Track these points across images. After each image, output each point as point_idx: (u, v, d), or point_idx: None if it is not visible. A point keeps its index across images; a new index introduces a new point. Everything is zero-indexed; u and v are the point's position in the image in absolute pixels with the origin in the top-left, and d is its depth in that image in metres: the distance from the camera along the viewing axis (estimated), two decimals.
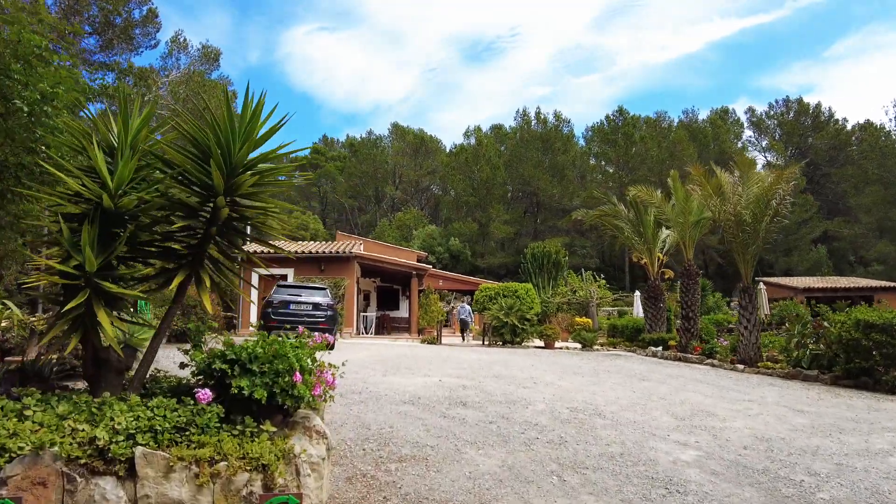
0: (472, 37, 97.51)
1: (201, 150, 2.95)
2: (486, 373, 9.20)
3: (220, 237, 3.29)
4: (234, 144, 2.96)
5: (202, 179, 3.00)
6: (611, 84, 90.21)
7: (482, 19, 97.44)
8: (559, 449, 4.46)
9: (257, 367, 2.74)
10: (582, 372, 10.22)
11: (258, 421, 2.81)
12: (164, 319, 3.24)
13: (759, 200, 12.09)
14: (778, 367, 11.12)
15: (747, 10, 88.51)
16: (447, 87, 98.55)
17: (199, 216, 3.19)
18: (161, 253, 3.26)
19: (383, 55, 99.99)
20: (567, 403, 6.51)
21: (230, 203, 3.07)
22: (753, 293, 12.45)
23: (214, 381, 2.81)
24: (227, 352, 2.81)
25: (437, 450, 4.25)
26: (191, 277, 3.15)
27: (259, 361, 2.75)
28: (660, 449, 4.60)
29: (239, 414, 2.76)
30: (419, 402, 6.13)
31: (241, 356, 2.77)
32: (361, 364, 9.82)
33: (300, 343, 3.10)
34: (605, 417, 5.83)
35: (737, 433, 5.32)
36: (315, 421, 2.99)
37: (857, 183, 45.47)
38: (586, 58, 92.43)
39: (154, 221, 3.13)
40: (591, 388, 8.05)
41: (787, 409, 6.83)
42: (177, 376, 3.71)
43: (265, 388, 2.70)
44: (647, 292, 17.73)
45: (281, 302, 12.18)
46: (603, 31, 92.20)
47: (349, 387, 6.98)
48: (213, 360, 2.79)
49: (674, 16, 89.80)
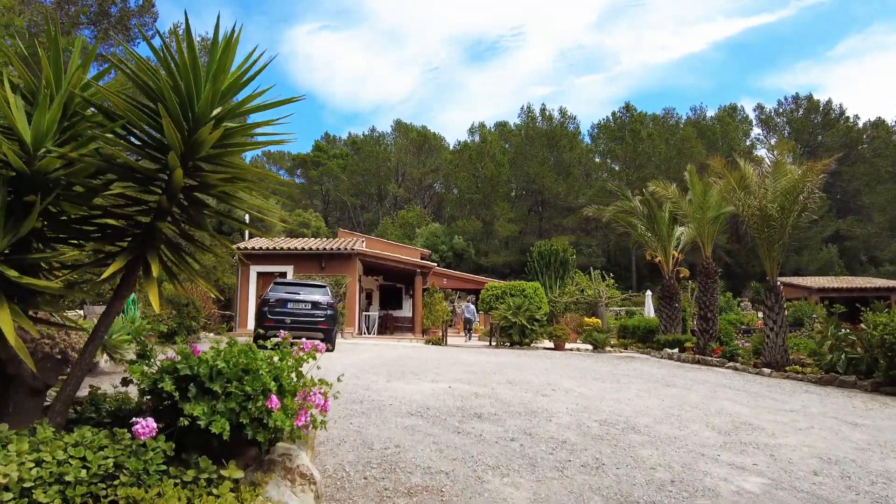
0: (474, 36, 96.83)
1: (155, 98, 2.26)
2: (498, 378, 8.50)
3: (182, 212, 2.59)
4: (198, 89, 2.25)
5: (154, 136, 2.31)
6: (613, 84, 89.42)
7: (484, 19, 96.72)
8: (597, 475, 3.76)
9: (220, 387, 2.05)
10: (600, 376, 9.51)
11: (220, 461, 2.08)
12: (101, 321, 2.49)
13: (787, 194, 11.35)
14: (808, 371, 10.38)
15: (752, 9, 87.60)
16: (449, 86, 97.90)
17: (153, 185, 2.48)
18: (102, 232, 2.54)
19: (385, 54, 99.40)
20: (594, 415, 5.80)
21: (192, 168, 2.38)
22: (780, 292, 11.71)
23: (166, 405, 2.11)
24: (181, 365, 2.11)
25: (454, 477, 3.55)
26: (137, 264, 2.43)
27: (222, 379, 2.06)
28: (715, 474, 3.89)
29: (195, 452, 2.05)
30: (428, 413, 5.43)
31: (199, 371, 2.07)
32: (363, 367, 9.13)
33: (282, 352, 2.37)
34: (640, 432, 5.12)
35: (796, 453, 4.60)
36: (299, 459, 2.27)
37: (870, 181, 44.58)
38: (588, 57, 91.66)
39: (90, 191, 2.42)
40: (614, 395, 7.34)
41: (839, 422, 6.10)
42: (131, 396, 2.96)
43: (228, 418, 1.99)
44: (662, 292, 16.98)
45: (278, 300, 11.47)
46: (605, 30, 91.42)
47: (349, 394, 6.29)
48: (161, 377, 2.09)
49: (676, 15, 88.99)
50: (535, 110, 54.93)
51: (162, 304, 11.40)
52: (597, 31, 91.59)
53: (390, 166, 61.38)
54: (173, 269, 2.64)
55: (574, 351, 16.24)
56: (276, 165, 64.74)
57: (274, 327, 11.35)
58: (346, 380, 7.48)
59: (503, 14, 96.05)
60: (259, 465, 2.21)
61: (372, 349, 13.51)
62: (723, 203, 14.19)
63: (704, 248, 14.92)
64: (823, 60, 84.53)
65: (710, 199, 14.48)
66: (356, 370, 8.71)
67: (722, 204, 14.44)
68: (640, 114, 52.94)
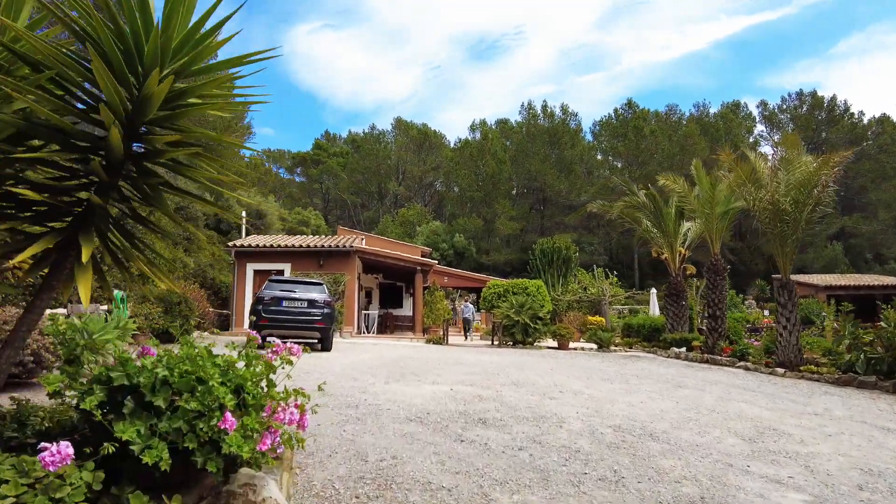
0: (476, 35, 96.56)
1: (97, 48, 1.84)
2: (502, 379, 8.09)
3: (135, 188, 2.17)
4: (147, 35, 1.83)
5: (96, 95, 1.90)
6: (615, 83, 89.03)
7: (486, 18, 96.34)
8: (619, 491, 3.35)
9: (164, 402, 1.63)
10: (608, 377, 9.11)
11: (160, 497, 1.63)
12: (21, 320, 2.03)
13: (801, 187, 10.92)
14: (825, 371, 9.97)
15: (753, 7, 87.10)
16: (451, 85, 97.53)
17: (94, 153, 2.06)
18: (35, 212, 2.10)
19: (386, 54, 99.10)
20: (606, 420, 5.39)
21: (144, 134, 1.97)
22: (793, 289, 11.29)
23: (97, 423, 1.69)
24: (115, 374, 1.68)
25: (458, 495, 3.15)
26: (68, 249, 2.01)
27: (167, 391, 1.64)
28: (749, 489, 3.48)
29: (130, 484, 1.62)
30: (428, 419, 5.03)
31: (138, 381, 1.65)
32: (361, 368, 8.73)
33: (247, 356, 1.95)
34: (658, 439, 4.71)
35: (832, 463, 4.20)
36: (267, 490, 1.79)
37: (875, 178, 44.09)
38: (590, 56, 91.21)
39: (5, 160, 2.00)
40: (625, 397, 6.94)
41: (869, 427, 5.70)
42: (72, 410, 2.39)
43: (174, 440, 1.57)
44: (668, 289, 16.57)
45: (273, 298, 11.03)
46: (607, 29, 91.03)
47: (344, 398, 5.89)
48: (90, 389, 1.67)
49: (677, 14, 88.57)
50: (536, 107, 54.47)
51: (151, 302, 11.00)
52: (598, 30, 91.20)
53: (391, 164, 60.93)
54: (121, 256, 2.23)
55: (578, 350, 15.83)
56: (276, 164, 64.34)
57: (268, 326, 10.93)
58: (342, 382, 7.07)
59: (504, 13, 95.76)
60: (216, 498, 1.78)
61: (371, 349, 13.11)
62: (732, 198, 13.77)
63: (713, 245, 14.50)
64: (825, 59, 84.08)
65: (718, 194, 14.06)
66: (353, 371, 8.32)
67: (730, 199, 14.03)
68: (643, 110, 52.44)
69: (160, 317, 10.76)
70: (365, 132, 64.41)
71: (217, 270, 20.90)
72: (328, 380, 7.14)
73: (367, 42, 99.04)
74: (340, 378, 7.47)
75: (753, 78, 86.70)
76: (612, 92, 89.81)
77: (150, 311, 10.51)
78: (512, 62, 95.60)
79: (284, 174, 64.21)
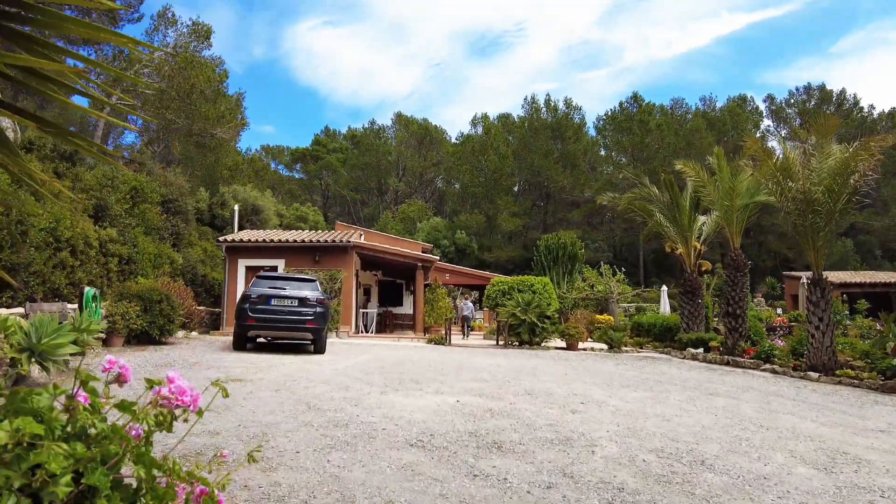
0: (478, 32, 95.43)
1: None
2: (514, 387, 7.22)
3: None
4: None
5: None
6: (618, 79, 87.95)
7: (488, 14, 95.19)
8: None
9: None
10: (630, 383, 8.23)
11: None
12: None
13: (836, 175, 10.03)
14: (864, 376, 9.10)
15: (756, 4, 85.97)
16: (452, 82, 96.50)
17: None
18: None
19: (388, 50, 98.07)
20: (645, 441, 4.52)
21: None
22: (826, 286, 10.41)
23: None
24: None
25: None
26: None
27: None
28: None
29: None
30: (433, 443, 4.15)
31: None
32: (355, 374, 7.85)
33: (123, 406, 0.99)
34: (713, 469, 3.84)
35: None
36: None
37: (885, 173, 43.02)
38: (593, 53, 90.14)
39: None
40: (656, 409, 6.07)
41: None
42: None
43: None
44: (683, 287, 15.68)
45: (260, 296, 10.13)
46: (609, 26, 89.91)
47: (333, 414, 5.01)
48: None
49: (680, 11, 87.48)
50: (539, 101, 53.42)
51: (129, 300, 10.11)
52: (601, 27, 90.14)
53: (391, 160, 59.94)
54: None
55: (588, 351, 14.96)
56: (275, 160, 63.37)
57: (255, 327, 10.05)
58: (332, 392, 6.20)
59: (507, 9, 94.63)
60: None
61: (369, 350, 12.24)
62: (757, 189, 12.87)
63: (733, 239, 13.62)
64: (827, 57, 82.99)
65: (739, 184, 13.17)
66: (346, 378, 7.44)
67: (754, 191, 13.13)
68: (649, 104, 51.39)
69: (138, 316, 9.88)
70: (365, 127, 63.38)
71: (209, 267, 20.03)
72: (316, 390, 6.27)
73: (369, 39, 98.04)
74: (330, 387, 6.59)
75: (755, 75, 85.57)
76: (614, 89, 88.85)
77: (126, 309, 9.64)
78: (514, 59, 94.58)
79: (284, 171, 63.24)
